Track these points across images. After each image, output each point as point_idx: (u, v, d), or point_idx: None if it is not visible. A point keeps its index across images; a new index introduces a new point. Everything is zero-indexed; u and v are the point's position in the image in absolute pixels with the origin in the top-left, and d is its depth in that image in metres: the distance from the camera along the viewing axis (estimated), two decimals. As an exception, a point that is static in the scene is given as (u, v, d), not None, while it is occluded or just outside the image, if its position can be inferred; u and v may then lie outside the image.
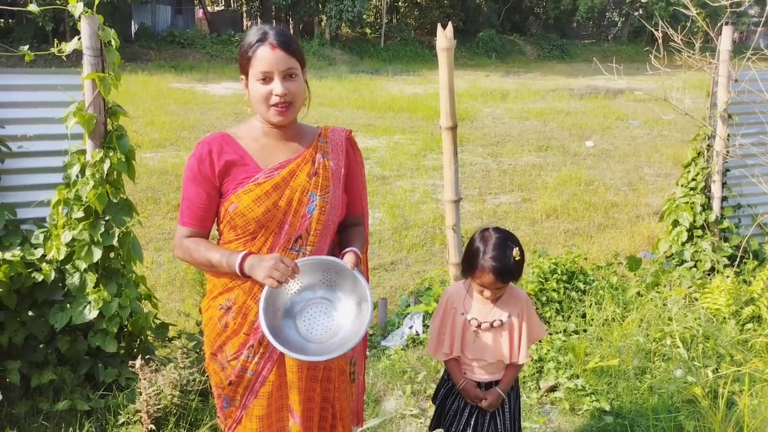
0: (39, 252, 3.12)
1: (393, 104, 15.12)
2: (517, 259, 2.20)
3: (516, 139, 11.59)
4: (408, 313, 4.27)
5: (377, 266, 5.62)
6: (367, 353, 3.87)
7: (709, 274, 4.61)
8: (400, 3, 34.58)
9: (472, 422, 2.42)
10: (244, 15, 33.11)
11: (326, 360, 1.85)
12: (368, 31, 32.88)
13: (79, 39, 2.99)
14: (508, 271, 2.21)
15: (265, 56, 1.84)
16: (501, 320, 2.33)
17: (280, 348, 1.75)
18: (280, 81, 1.85)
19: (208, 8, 33.09)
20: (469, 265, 2.29)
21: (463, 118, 13.00)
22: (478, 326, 2.33)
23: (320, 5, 29.20)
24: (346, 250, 1.96)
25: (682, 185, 4.92)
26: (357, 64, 26.41)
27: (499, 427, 2.43)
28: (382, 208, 7.27)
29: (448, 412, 2.48)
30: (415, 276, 5.32)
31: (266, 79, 1.85)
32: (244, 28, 31.44)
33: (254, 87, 1.87)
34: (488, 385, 2.41)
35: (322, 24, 30.14)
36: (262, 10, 31.42)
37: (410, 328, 4.13)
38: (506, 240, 2.24)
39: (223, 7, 35.08)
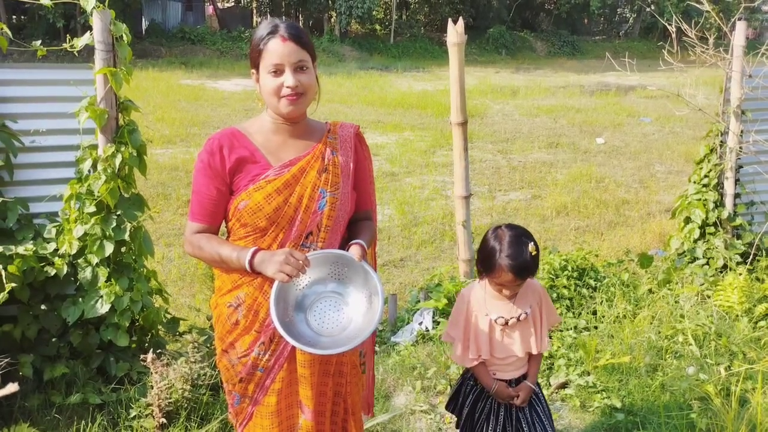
0: (51, 246, 3.13)
1: (402, 101, 15.10)
2: (533, 254, 2.17)
3: (526, 136, 11.55)
4: (418, 309, 4.27)
5: (387, 263, 5.62)
6: (377, 349, 3.88)
7: (721, 272, 4.57)
8: (410, -1, 34.54)
9: (512, 420, 2.41)
10: (254, 11, 33.16)
11: (338, 353, 1.84)
12: (378, 27, 32.84)
13: (90, 34, 3.00)
14: (526, 267, 2.18)
15: (277, 48, 1.83)
16: (526, 312, 2.32)
17: (292, 342, 1.75)
18: (292, 73, 1.84)
19: (219, 4, 33.16)
20: (485, 265, 2.25)
21: (473, 114, 12.96)
22: (506, 323, 2.30)
23: (330, 1, 29.19)
24: (352, 242, 1.94)
25: (694, 182, 4.87)
26: (366, 60, 26.39)
27: (541, 416, 2.42)
28: (392, 205, 7.26)
29: (480, 416, 2.45)
30: (425, 272, 5.31)
31: (277, 71, 1.84)
32: (254, 24, 31.49)
33: (265, 80, 1.86)
34: (516, 380, 2.41)
35: (332, 20, 30.14)
36: (272, 6, 31.45)
37: (420, 324, 4.13)
38: (521, 236, 2.20)
39: (233, 4, 35.14)
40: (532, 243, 2.19)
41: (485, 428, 2.43)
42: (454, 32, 3.81)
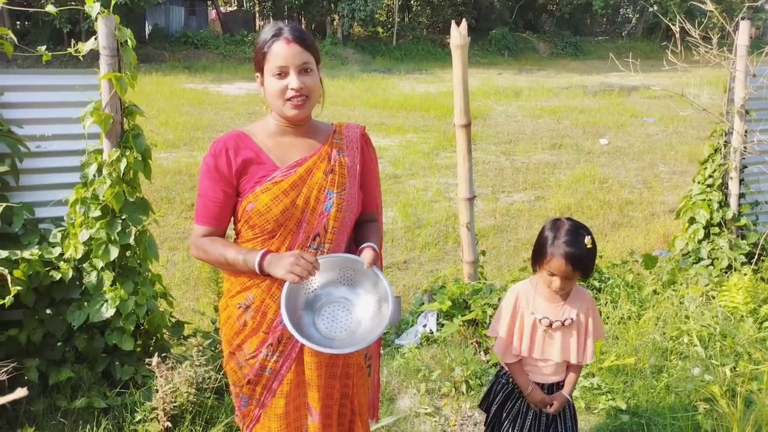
0: (57, 251, 3.14)
1: (405, 103, 15.11)
2: (589, 247, 2.14)
3: (529, 137, 11.54)
4: (422, 312, 4.26)
5: (390, 265, 5.62)
6: (381, 351, 3.88)
7: (726, 272, 4.56)
8: (412, 1, 34.53)
9: (537, 426, 2.39)
10: (257, 15, 33.23)
11: (345, 353, 1.84)
12: (380, 30, 32.86)
13: (95, 39, 3.01)
14: (580, 257, 2.14)
15: (281, 51, 1.84)
16: (572, 318, 2.28)
17: (301, 340, 1.75)
18: (296, 75, 1.85)
19: (221, 9, 33.24)
20: (538, 253, 2.23)
21: (476, 116, 12.96)
22: (549, 325, 2.28)
23: (332, 5, 29.24)
24: (364, 246, 1.95)
25: (698, 182, 4.87)
26: (369, 63, 26.42)
27: (568, 427, 2.40)
28: (395, 207, 7.26)
29: (507, 416, 2.44)
30: (429, 274, 5.31)
31: (282, 73, 1.85)
32: (257, 28, 31.57)
33: (270, 82, 1.87)
34: (549, 388, 2.38)
35: (335, 23, 30.19)
36: (274, 9, 31.51)
37: (424, 326, 4.12)
38: (579, 228, 2.19)
39: (235, 8, 35.22)
40: (590, 237, 2.17)
41: (510, 429, 2.42)
42: (457, 34, 3.81)
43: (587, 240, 2.15)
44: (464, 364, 3.61)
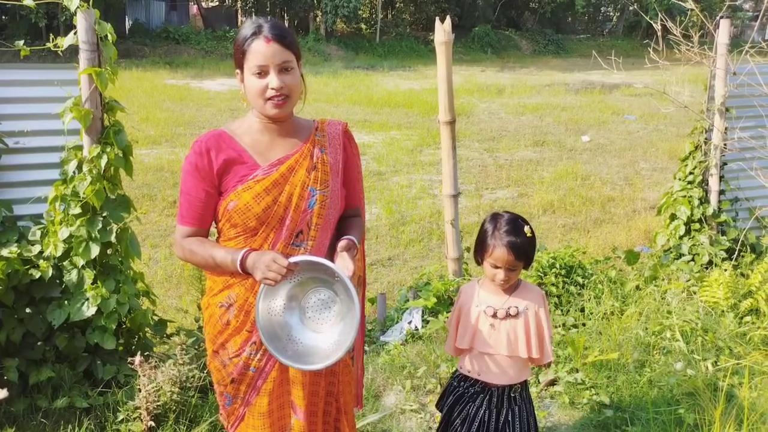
0: (36, 249, 3.09)
1: (389, 100, 15.09)
2: (528, 235, 2.20)
3: (512, 134, 11.59)
4: (407, 308, 4.26)
5: (375, 262, 5.62)
6: (367, 348, 3.87)
7: (707, 268, 4.61)
8: (395, -2, 34.52)
9: (485, 430, 2.36)
10: (239, 11, 32.98)
11: (324, 367, 1.84)
12: (363, 26, 32.78)
13: (75, 34, 2.96)
14: (521, 245, 2.19)
15: (261, 50, 1.82)
16: (517, 308, 2.29)
17: (277, 356, 1.80)
18: (276, 75, 1.83)
19: (203, 4, 32.93)
20: (480, 246, 2.28)
21: (459, 113, 12.98)
22: (494, 315, 2.29)
23: (315, 1, 29.10)
24: (342, 238, 1.95)
25: (679, 179, 4.92)
26: (352, 59, 26.34)
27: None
28: (379, 204, 7.25)
29: (455, 420, 2.43)
30: (413, 271, 5.31)
31: (262, 73, 1.83)
32: (239, 23, 31.33)
33: (250, 81, 1.85)
34: (501, 391, 2.35)
35: (317, 20, 30.04)
36: (256, 5, 31.29)
37: (409, 323, 4.12)
38: (517, 219, 2.26)
39: (217, 3, 34.91)
40: (528, 227, 2.23)
41: (460, 430, 2.41)
42: (442, 31, 3.81)
43: (526, 229, 2.22)
44: (449, 361, 3.62)
